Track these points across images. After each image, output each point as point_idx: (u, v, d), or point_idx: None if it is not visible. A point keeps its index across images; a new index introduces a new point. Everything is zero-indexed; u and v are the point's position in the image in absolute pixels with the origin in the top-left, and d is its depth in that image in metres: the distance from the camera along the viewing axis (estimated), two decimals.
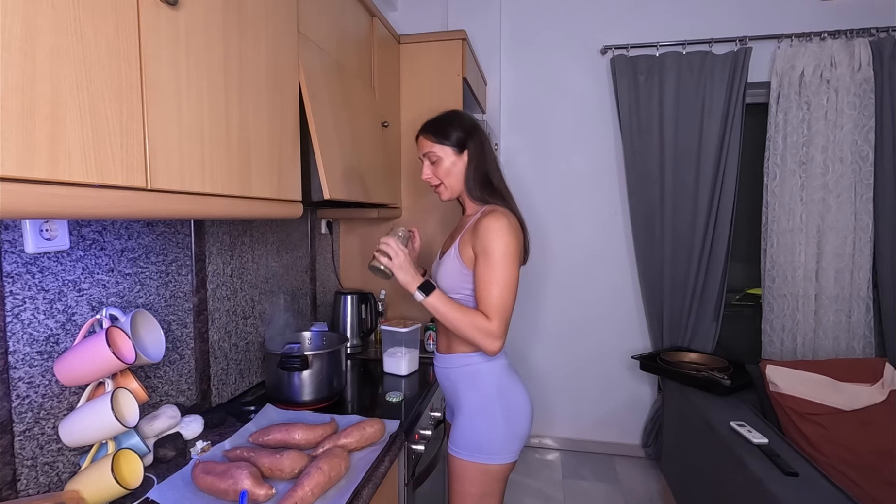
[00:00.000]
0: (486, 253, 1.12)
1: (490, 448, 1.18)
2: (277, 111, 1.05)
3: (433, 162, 1.24)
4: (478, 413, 1.20)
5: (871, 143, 2.23)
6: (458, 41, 1.94)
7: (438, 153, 1.22)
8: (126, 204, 0.68)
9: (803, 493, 1.26)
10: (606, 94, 2.58)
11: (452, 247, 1.22)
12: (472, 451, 1.19)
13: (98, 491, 0.82)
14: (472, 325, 1.11)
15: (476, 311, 1.13)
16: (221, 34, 0.87)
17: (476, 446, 1.18)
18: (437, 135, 1.23)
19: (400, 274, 1.15)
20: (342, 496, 0.90)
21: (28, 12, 0.54)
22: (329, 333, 1.54)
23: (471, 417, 1.20)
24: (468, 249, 1.17)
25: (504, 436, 1.19)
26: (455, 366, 1.24)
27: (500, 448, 1.19)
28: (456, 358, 1.24)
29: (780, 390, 1.88)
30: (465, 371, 1.22)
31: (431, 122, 1.26)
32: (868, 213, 2.25)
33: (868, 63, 2.20)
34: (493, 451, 1.18)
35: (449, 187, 1.24)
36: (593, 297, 2.71)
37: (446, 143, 1.22)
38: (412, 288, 1.15)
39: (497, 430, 1.19)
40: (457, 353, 1.24)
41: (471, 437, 1.19)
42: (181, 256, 1.24)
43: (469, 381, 1.22)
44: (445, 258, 1.23)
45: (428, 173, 1.25)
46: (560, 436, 2.82)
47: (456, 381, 1.24)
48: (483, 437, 1.18)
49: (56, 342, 0.92)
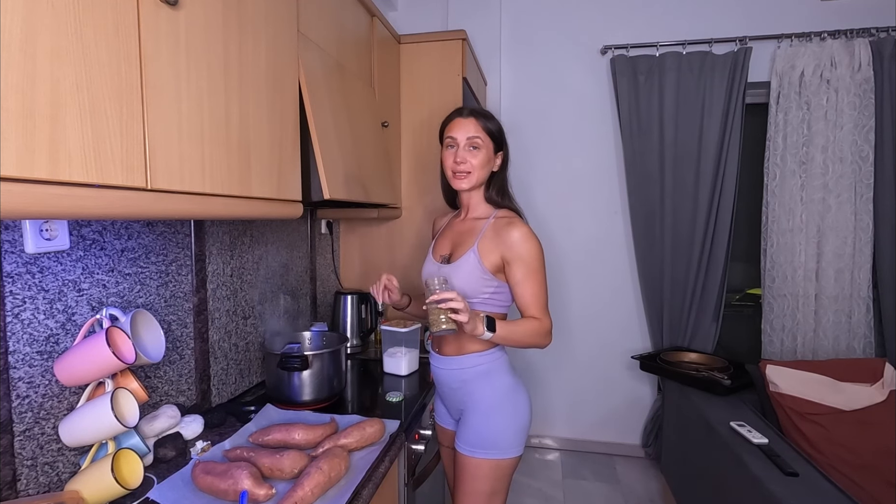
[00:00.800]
0: (523, 261, 1.17)
1: (504, 443, 1.21)
2: (277, 111, 1.05)
3: (475, 147, 1.22)
4: (491, 410, 1.21)
5: (871, 143, 2.23)
6: (458, 41, 1.94)
7: (483, 142, 1.23)
8: (126, 204, 0.68)
9: (803, 493, 1.26)
10: (606, 95, 2.58)
11: (470, 251, 1.21)
12: (487, 448, 1.20)
13: (98, 491, 0.82)
14: (534, 333, 1.17)
15: (529, 320, 1.18)
16: (221, 34, 0.87)
17: (491, 443, 1.20)
18: (490, 124, 1.24)
19: (469, 326, 1.08)
20: (342, 496, 0.90)
21: (28, 12, 0.54)
22: (329, 333, 1.54)
23: (485, 415, 1.21)
24: (493, 256, 1.19)
25: (515, 429, 1.22)
26: (467, 366, 1.24)
27: (512, 442, 1.22)
28: (469, 359, 1.24)
29: (780, 390, 1.88)
30: (480, 370, 1.23)
31: (480, 110, 1.27)
32: (868, 213, 2.25)
33: (868, 63, 2.20)
34: (507, 445, 1.21)
35: (478, 179, 1.24)
36: (593, 296, 2.71)
37: (491, 137, 1.24)
38: (480, 331, 1.10)
39: (509, 426, 1.22)
40: (468, 354, 1.24)
41: (485, 434, 1.20)
42: (181, 256, 1.24)
43: (483, 380, 1.23)
44: (462, 262, 1.21)
45: (465, 157, 1.22)
46: (560, 436, 2.82)
47: (469, 382, 1.24)
48: (497, 434, 1.21)
49: (56, 342, 0.92)
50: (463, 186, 1.24)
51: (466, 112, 1.25)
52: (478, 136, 1.22)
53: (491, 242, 1.19)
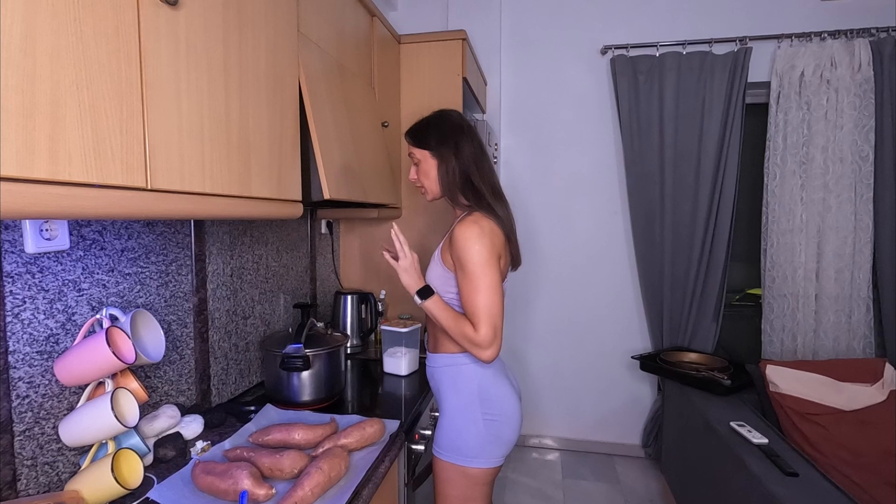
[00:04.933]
0: (461, 263, 1.13)
1: (469, 451, 1.18)
2: (277, 111, 1.05)
3: (416, 164, 1.27)
4: (457, 414, 1.19)
5: (871, 143, 2.23)
6: (458, 41, 1.94)
7: (418, 155, 1.25)
8: (126, 204, 0.68)
9: (803, 493, 1.26)
10: (606, 94, 2.58)
11: (436, 251, 1.25)
12: (452, 452, 1.19)
13: (98, 491, 0.82)
14: (461, 334, 1.13)
15: (465, 320, 1.13)
16: (221, 34, 0.87)
17: (455, 448, 1.18)
18: (414, 138, 1.26)
19: (404, 277, 1.19)
20: (342, 496, 0.90)
21: (28, 12, 0.54)
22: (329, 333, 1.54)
23: (451, 418, 1.20)
24: (448, 256, 1.19)
25: (484, 440, 1.18)
26: (439, 365, 1.24)
27: (479, 452, 1.18)
28: (441, 357, 1.24)
29: (780, 390, 1.88)
30: (447, 371, 1.23)
31: (414, 125, 1.28)
32: (868, 213, 2.25)
33: (868, 63, 2.20)
34: (473, 454, 1.18)
35: (429, 189, 1.26)
36: (593, 296, 2.71)
37: (423, 147, 1.24)
38: (412, 290, 1.19)
39: (477, 434, 1.17)
40: (442, 353, 1.24)
41: (450, 437, 1.19)
42: (181, 256, 1.24)
43: (450, 382, 1.22)
44: (431, 261, 1.26)
45: (413, 174, 1.29)
46: (560, 436, 2.82)
47: (439, 381, 1.25)
48: (462, 440, 1.18)
49: (56, 342, 0.92)
50: (427, 198, 1.29)
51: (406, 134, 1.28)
52: (412, 153, 1.26)
53: (448, 243, 1.20)
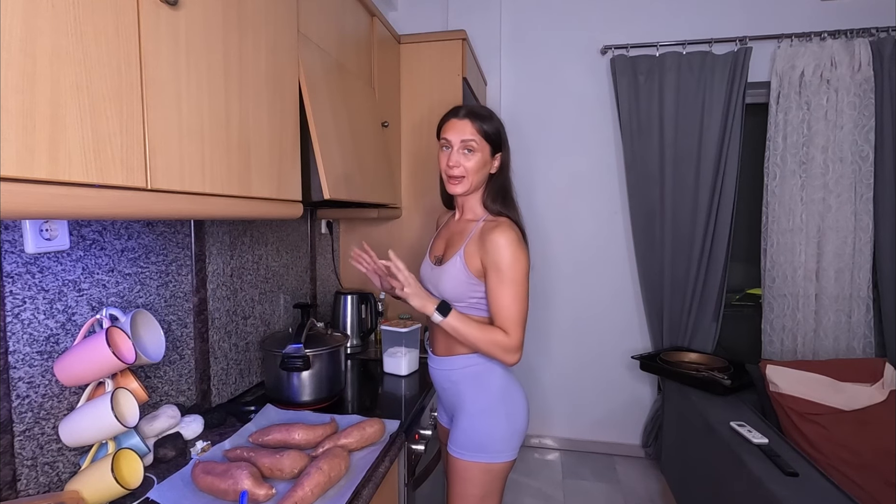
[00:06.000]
0: (498, 268, 1.11)
1: (494, 447, 1.19)
2: (277, 111, 1.05)
3: (469, 151, 1.16)
4: (482, 413, 1.20)
5: (871, 143, 2.23)
6: (458, 41, 1.94)
7: (479, 145, 1.15)
8: (126, 204, 0.68)
9: (803, 493, 1.26)
10: (606, 95, 2.58)
11: (457, 255, 1.19)
12: (475, 451, 1.19)
13: (98, 491, 0.82)
14: (492, 342, 1.11)
15: (494, 328, 1.12)
16: (221, 34, 0.87)
17: (480, 446, 1.19)
18: (487, 126, 1.16)
19: (415, 301, 1.13)
20: (342, 496, 0.90)
21: (28, 12, 0.54)
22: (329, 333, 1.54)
23: (474, 417, 1.20)
24: (476, 261, 1.15)
25: (507, 434, 1.20)
26: (457, 367, 1.23)
27: (503, 446, 1.19)
28: (458, 360, 1.23)
29: (780, 390, 1.88)
30: (468, 372, 1.22)
31: (478, 110, 1.18)
32: (868, 213, 2.25)
33: (868, 63, 2.20)
34: (497, 449, 1.19)
35: (472, 184, 1.17)
36: (593, 296, 2.71)
37: (488, 139, 1.16)
38: (429, 310, 1.13)
39: (500, 429, 1.19)
40: (459, 355, 1.23)
41: (474, 437, 1.19)
42: (181, 256, 1.24)
43: (473, 382, 1.22)
44: (449, 266, 1.20)
45: (458, 160, 1.16)
46: (560, 436, 2.82)
47: (458, 383, 1.23)
48: (487, 437, 1.19)
49: (56, 342, 0.92)
50: (457, 191, 1.19)
51: (462, 112, 1.17)
52: (472, 139, 1.14)
53: (475, 246, 1.16)
